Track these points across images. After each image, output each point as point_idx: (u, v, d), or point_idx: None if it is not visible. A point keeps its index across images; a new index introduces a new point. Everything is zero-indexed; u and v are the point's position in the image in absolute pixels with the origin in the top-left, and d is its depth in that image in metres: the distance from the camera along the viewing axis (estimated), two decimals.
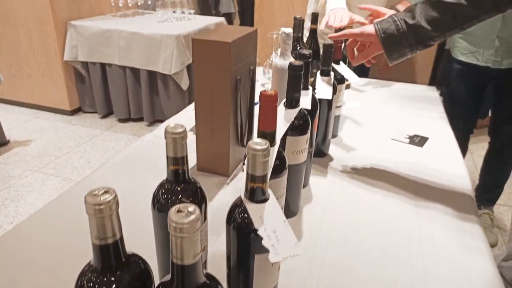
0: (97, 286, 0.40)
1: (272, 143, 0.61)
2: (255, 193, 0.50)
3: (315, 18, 1.42)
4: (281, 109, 0.76)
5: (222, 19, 3.68)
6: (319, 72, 1.01)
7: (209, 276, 0.42)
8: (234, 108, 0.93)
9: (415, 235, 0.82)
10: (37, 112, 3.47)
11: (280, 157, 0.64)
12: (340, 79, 1.13)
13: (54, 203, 0.89)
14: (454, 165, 1.10)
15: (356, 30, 0.97)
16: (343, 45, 1.17)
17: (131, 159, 1.08)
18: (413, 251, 0.78)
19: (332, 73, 1.03)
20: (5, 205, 2.24)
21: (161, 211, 0.54)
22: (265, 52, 2.40)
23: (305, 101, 0.80)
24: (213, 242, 0.72)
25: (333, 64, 1.09)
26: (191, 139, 0.87)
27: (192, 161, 1.00)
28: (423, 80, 2.23)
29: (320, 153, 1.10)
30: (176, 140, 0.50)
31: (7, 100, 3.58)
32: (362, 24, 1.35)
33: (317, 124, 0.96)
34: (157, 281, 0.44)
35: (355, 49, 1.04)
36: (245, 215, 0.50)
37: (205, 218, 0.58)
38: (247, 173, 0.49)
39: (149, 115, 3.25)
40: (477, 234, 0.83)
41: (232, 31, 0.95)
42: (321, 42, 1.58)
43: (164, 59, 2.96)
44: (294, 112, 0.75)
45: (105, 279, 0.40)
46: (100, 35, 3.07)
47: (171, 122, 1.35)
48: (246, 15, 6.17)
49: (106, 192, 0.37)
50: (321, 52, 1.04)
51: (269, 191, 0.52)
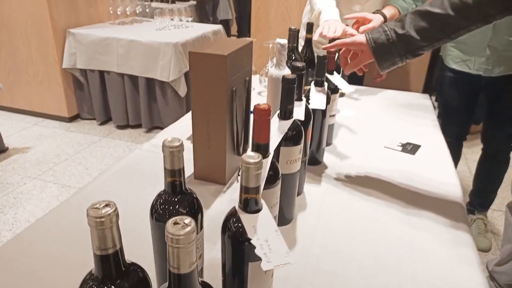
0: None
1: (266, 155, 0.64)
2: (249, 203, 0.53)
3: (310, 27, 1.46)
4: (275, 120, 0.79)
5: (219, 26, 3.72)
6: (313, 82, 1.04)
7: (204, 284, 0.44)
8: (230, 118, 0.96)
9: (405, 242, 0.84)
10: (36, 119, 3.49)
11: (274, 168, 0.66)
12: (334, 89, 1.16)
13: (53, 212, 0.91)
14: (445, 173, 1.13)
15: (348, 39, 1.00)
16: (336, 55, 1.21)
17: (130, 169, 1.10)
18: (403, 258, 0.80)
19: (326, 83, 1.06)
20: (3, 212, 2.26)
21: (159, 221, 0.56)
22: (262, 61, 2.44)
23: (298, 112, 0.83)
24: (209, 250, 0.74)
25: (327, 74, 1.12)
26: (188, 148, 0.90)
27: (189, 169, 1.03)
28: (417, 88, 2.27)
29: (314, 161, 1.13)
30: (173, 153, 0.52)
31: (5, 108, 3.60)
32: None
33: (311, 133, 0.99)
34: None
35: (348, 58, 1.07)
36: (239, 224, 0.53)
37: (201, 227, 0.60)
38: (241, 185, 0.52)
39: (147, 121, 3.28)
40: (466, 242, 0.85)
41: (228, 43, 0.97)
42: (316, 51, 1.62)
43: (162, 66, 3.00)
44: (287, 124, 0.78)
45: (105, 287, 0.42)
46: (99, 43, 3.10)
47: (169, 130, 1.38)
48: (244, 22, 6.23)
49: (107, 205, 0.39)
50: (316, 61, 1.06)
51: (262, 202, 0.54)
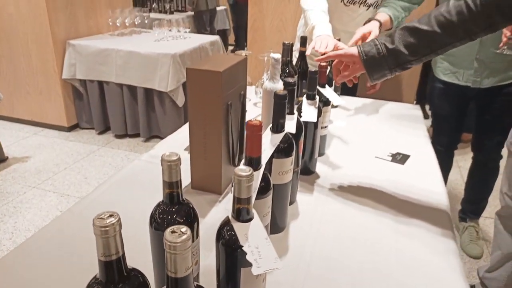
0: None
1: (258, 167, 0.68)
2: (241, 213, 0.57)
3: (304, 41, 1.51)
4: (267, 133, 0.84)
5: (217, 37, 3.78)
6: (305, 96, 1.09)
7: None
8: (226, 130, 1.00)
9: (394, 249, 0.88)
10: (35, 128, 3.53)
11: (265, 179, 0.70)
12: (325, 101, 1.21)
13: (56, 221, 0.95)
14: (433, 182, 1.17)
15: (340, 51, 1.05)
16: (328, 69, 1.26)
17: (129, 179, 1.14)
18: (391, 265, 0.84)
19: (317, 97, 1.10)
20: (3, 221, 2.29)
21: (158, 230, 0.60)
22: (258, 71, 2.49)
23: (290, 125, 0.88)
24: (205, 257, 0.78)
25: (318, 88, 1.17)
26: (185, 158, 0.94)
27: (186, 179, 1.07)
28: (409, 98, 2.32)
29: (307, 171, 1.17)
30: (171, 166, 0.57)
31: (5, 117, 3.64)
32: None
33: (303, 145, 1.03)
34: None
35: (340, 69, 1.12)
36: (232, 233, 0.57)
37: (197, 236, 0.64)
38: (234, 196, 0.56)
39: (145, 131, 3.32)
40: (451, 249, 0.89)
41: (224, 59, 1.02)
42: (310, 62, 1.67)
43: (160, 76, 3.05)
44: (279, 137, 0.82)
45: None
46: (98, 54, 3.16)
47: (167, 141, 1.42)
48: (241, 31, 6.32)
49: (111, 216, 0.44)
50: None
51: (254, 211, 0.59)
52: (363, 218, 0.99)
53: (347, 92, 1.87)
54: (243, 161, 0.72)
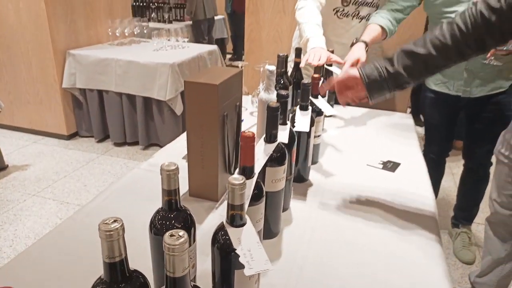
0: None
1: (251, 176, 0.73)
2: (235, 219, 0.61)
3: (298, 52, 1.57)
4: (261, 143, 0.88)
5: (214, 47, 3.85)
6: (298, 107, 1.14)
7: (196, 287, 0.52)
8: (222, 140, 1.05)
9: (383, 254, 0.92)
10: (35, 137, 3.57)
11: (258, 187, 0.75)
12: (318, 112, 1.26)
13: (59, 228, 0.99)
14: (421, 189, 1.22)
15: (342, 75, 1.09)
16: (321, 81, 1.31)
17: (129, 187, 1.18)
18: (380, 269, 0.88)
19: (310, 107, 1.15)
20: (4, 229, 2.32)
21: (157, 234, 0.65)
22: (255, 81, 2.54)
23: (282, 136, 0.92)
24: (202, 262, 0.82)
25: (311, 98, 1.22)
26: (183, 167, 0.98)
27: (184, 186, 1.11)
28: (402, 108, 2.38)
29: (300, 179, 1.21)
30: (170, 175, 0.61)
31: (5, 126, 3.68)
32: (339, 63, 1.49)
33: (295, 154, 1.08)
34: None
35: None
36: (227, 237, 0.61)
37: (194, 240, 0.69)
38: (228, 203, 0.61)
39: (144, 139, 3.37)
40: (437, 253, 0.94)
41: (220, 72, 1.07)
42: (305, 72, 1.73)
43: (159, 86, 3.10)
44: (272, 146, 0.87)
45: None
46: (98, 63, 3.21)
47: (166, 149, 1.46)
48: (239, 40, 6.40)
49: (115, 221, 0.48)
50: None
51: (246, 217, 0.63)
52: (354, 224, 1.04)
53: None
54: (236, 171, 0.76)
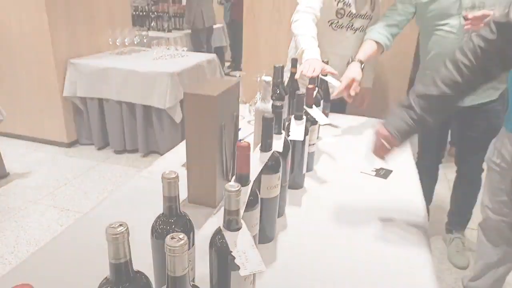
0: None
1: (247, 183, 0.77)
2: (231, 223, 0.66)
3: (294, 62, 1.63)
4: (257, 151, 0.93)
5: (213, 56, 3.91)
6: (293, 116, 1.18)
7: (194, 287, 0.57)
8: (220, 149, 1.09)
9: (374, 260, 0.96)
10: (36, 145, 3.61)
11: (254, 194, 0.79)
12: (313, 121, 1.30)
13: (62, 235, 1.03)
14: (412, 195, 1.26)
15: (376, 139, 1.10)
16: (315, 91, 1.36)
17: (130, 194, 1.22)
18: (372, 273, 0.92)
19: (305, 117, 1.20)
20: (5, 235, 2.35)
21: (159, 238, 0.69)
22: (253, 90, 2.60)
23: (277, 145, 0.97)
24: (201, 266, 0.85)
25: (306, 108, 1.27)
26: (183, 174, 1.03)
27: (184, 193, 1.15)
28: None
29: (296, 185, 1.26)
30: (170, 183, 0.66)
31: (6, 134, 3.72)
32: (333, 74, 1.55)
33: (290, 162, 1.12)
34: None
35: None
36: (223, 241, 0.65)
37: (193, 243, 0.73)
38: (225, 208, 0.65)
39: (144, 147, 3.41)
40: (425, 258, 0.98)
41: (218, 83, 1.12)
42: (301, 82, 1.78)
43: (158, 94, 3.16)
44: (267, 155, 0.92)
45: None
46: (98, 72, 3.27)
47: (166, 157, 1.51)
48: (237, 48, 6.47)
49: (120, 225, 0.52)
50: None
51: (242, 222, 0.67)
52: (347, 229, 1.08)
53: (337, 110, 1.97)
54: (233, 178, 0.81)
